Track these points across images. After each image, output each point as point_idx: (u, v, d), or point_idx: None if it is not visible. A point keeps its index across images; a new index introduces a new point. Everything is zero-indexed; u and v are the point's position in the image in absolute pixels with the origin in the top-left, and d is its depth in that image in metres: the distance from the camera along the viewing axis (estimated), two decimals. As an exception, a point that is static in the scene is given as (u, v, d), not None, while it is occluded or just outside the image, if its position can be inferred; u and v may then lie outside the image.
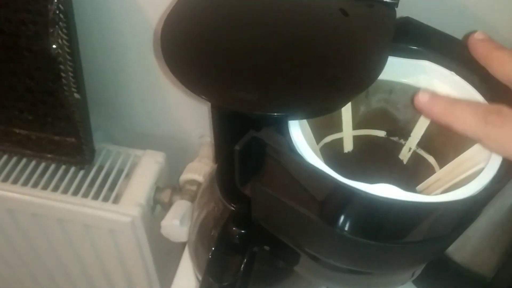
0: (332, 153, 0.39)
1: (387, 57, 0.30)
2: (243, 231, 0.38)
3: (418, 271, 0.38)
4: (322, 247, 0.33)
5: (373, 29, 0.32)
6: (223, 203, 0.41)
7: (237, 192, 0.36)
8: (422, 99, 0.28)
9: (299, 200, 0.29)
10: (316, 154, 0.27)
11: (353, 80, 0.28)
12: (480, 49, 0.32)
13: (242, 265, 0.37)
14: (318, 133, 0.37)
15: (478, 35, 0.32)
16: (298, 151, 0.28)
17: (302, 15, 0.33)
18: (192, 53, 0.30)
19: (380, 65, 0.29)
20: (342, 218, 0.28)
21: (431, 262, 0.52)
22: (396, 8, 0.33)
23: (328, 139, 0.39)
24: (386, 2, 0.34)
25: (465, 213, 0.29)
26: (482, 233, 0.46)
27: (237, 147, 0.26)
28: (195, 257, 0.50)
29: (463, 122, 0.27)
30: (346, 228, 0.28)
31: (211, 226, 0.47)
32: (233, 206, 0.39)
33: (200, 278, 0.50)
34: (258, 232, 0.39)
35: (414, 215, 0.27)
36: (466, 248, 0.49)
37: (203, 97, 0.27)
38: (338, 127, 0.40)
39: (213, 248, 0.38)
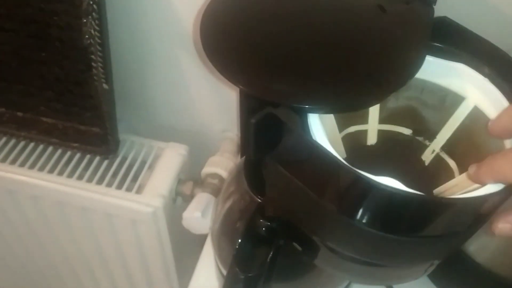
0: (354, 144, 0.39)
1: (425, 55, 0.30)
2: (269, 224, 0.39)
3: (432, 267, 0.38)
4: (334, 235, 0.33)
5: (410, 26, 0.32)
6: (250, 195, 0.41)
7: (264, 185, 0.37)
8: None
9: (312, 185, 0.29)
10: (336, 141, 0.28)
11: (391, 76, 0.28)
12: None
13: (268, 258, 0.38)
14: (342, 122, 0.37)
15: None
16: (313, 135, 0.28)
17: (340, 10, 0.33)
18: (231, 44, 0.30)
19: (417, 63, 0.29)
20: (355, 208, 0.28)
21: (452, 263, 0.52)
22: (434, 6, 0.34)
23: (352, 129, 0.39)
24: (424, -1, 0.34)
25: (481, 211, 0.29)
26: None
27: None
28: (218, 248, 0.51)
29: None
30: (359, 219, 0.29)
31: (236, 218, 0.48)
32: (260, 198, 0.40)
33: (222, 270, 0.51)
34: (285, 225, 0.40)
35: (430, 211, 0.27)
36: (488, 249, 0.48)
37: (241, 87, 0.28)
38: (364, 119, 0.40)
39: (239, 240, 0.38)
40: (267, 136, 0.29)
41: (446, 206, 0.27)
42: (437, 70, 0.35)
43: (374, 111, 0.39)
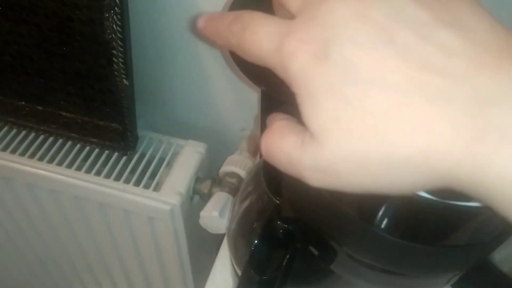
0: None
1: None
2: (287, 226, 0.38)
3: (454, 278, 0.36)
4: (352, 240, 0.31)
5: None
6: (268, 196, 0.40)
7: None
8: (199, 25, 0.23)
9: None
10: None
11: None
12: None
13: (285, 261, 0.37)
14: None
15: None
16: None
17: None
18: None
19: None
20: (374, 213, 0.27)
21: (477, 272, 0.50)
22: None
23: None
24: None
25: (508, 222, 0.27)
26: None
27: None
28: (234, 249, 0.50)
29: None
30: (378, 225, 0.27)
31: (253, 219, 0.47)
32: (278, 200, 0.39)
33: (238, 270, 0.50)
34: (303, 228, 0.39)
35: (453, 219, 0.26)
36: (515, 260, 0.47)
37: (263, 88, 0.27)
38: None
39: (255, 241, 0.37)
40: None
41: (470, 214, 0.25)
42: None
43: None
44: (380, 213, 0.27)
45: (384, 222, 0.27)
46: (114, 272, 0.86)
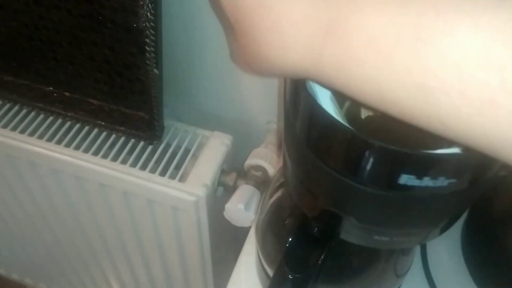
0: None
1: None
2: (322, 224, 0.37)
3: (432, 234, 0.35)
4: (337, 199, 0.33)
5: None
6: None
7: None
8: None
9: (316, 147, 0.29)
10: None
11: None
12: None
13: (321, 259, 0.36)
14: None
15: None
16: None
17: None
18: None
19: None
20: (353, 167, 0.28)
21: (497, 264, 0.49)
22: None
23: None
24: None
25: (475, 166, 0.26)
26: None
27: None
28: (262, 243, 0.49)
29: None
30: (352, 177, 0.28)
31: (284, 215, 0.46)
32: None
33: (265, 265, 0.50)
34: (337, 226, 0.38)
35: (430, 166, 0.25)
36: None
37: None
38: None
39: (290, 238, 0.37)
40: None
41: (447, 162, 0.24)
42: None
43: None
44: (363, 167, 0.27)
45: (357, 173, 0.28)
46: (133, 260, 0.86)
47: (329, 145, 0.29)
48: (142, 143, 0.66)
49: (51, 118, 0.68)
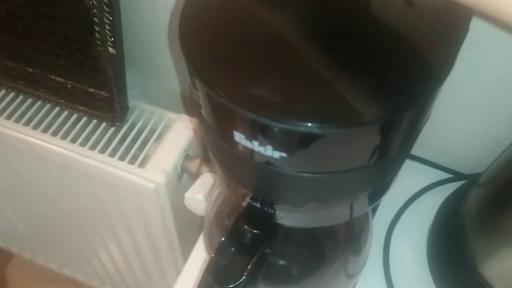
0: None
1: (453, 63, 0.24)
2: (255, 231, 0.34)
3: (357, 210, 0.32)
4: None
5: (442, 25, 0.25)
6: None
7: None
8: None
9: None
10: None
11: (406, 89, 0.22)
12: None
13: (248, 268, 0.33)
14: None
15: None
16: None
17: (355, 2, 0.27)
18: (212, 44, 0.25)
19: (444, 74, 0.23)
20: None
21: (468, 285, 0.47)
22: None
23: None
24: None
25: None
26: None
27: None
28: (209, 239, 0.47)
29: None
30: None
31: (227, 212, 0.44)
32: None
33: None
34: (272, 232, 0.35)
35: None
36: (509, 278, 0.43)
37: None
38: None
39: (217, 246, 0.34)
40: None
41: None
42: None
43: None
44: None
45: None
46: (105, 237, 0.84)
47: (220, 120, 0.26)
48: (104, 123, 0.63)
49: (12, 94, 0.66)
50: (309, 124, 0.21)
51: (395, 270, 0.51)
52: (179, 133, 0.63)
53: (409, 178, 0.57)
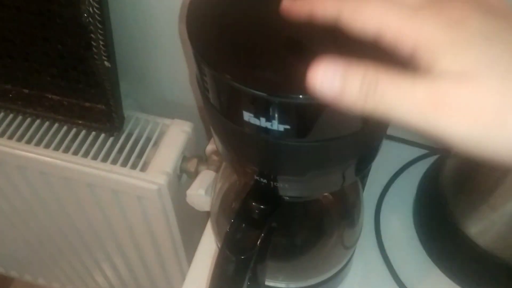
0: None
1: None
2: (262, 206, 0.38)
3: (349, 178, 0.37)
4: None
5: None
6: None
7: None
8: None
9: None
10: None
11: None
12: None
13: (259, 240, 0.37)
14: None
15: None
16: None
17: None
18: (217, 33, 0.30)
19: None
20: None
21: (453, 245, 0.51)
22: None
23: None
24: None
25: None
26: (508, 218, 0.45)
27: None
28: (217, 227, 0.51)
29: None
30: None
31: (232, 198, 0.48)
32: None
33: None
34: (278, 207, 0.39)
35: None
36: (490, 233, 0.48)
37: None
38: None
39: (231, 221, 0.38)
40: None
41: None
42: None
43: None
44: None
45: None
46: (110, 249, 0.88)
47: (225, 101, 0.30)
48: (103, 134, 0.67)
49: (11, 115, 0.69)
50: (306, 96, 0.26)
51: (386, 237, 0.55)
52: (175, 136, 0.67)
53: (391, 156, 0.62)
